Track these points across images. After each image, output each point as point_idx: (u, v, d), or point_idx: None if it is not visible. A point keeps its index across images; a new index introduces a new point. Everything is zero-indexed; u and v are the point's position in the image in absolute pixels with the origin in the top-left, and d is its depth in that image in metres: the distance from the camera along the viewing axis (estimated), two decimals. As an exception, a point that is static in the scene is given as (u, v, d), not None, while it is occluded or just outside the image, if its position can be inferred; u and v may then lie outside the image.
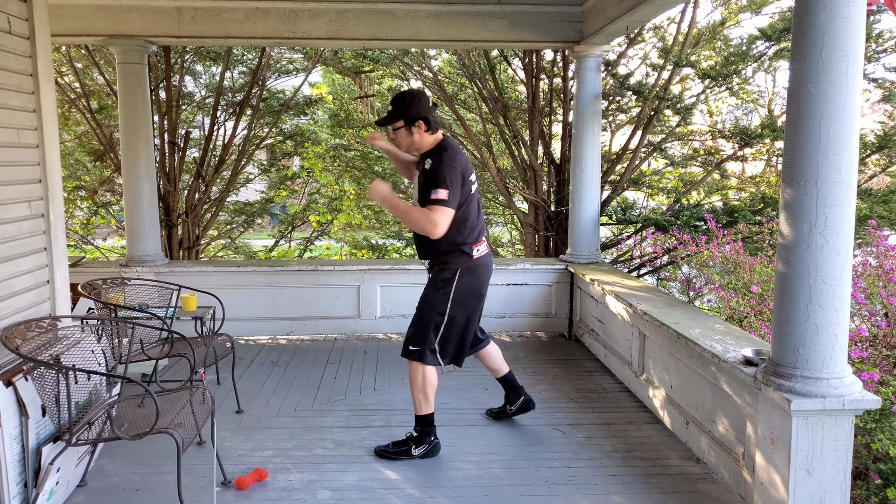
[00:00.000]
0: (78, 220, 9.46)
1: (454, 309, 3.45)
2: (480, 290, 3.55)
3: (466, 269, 3.44)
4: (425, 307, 3.49)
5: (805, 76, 2.51)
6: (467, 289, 3.46)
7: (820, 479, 2.65)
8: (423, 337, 3.45)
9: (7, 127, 3.05)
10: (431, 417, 3.52)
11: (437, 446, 3.53)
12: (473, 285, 3.49)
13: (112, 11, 5.34)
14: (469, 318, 3.55)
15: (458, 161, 3.31)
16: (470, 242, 3.42)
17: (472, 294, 3.50)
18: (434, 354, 3.47)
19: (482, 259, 3.50)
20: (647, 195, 9.05)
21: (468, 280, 3.45)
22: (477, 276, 3.49)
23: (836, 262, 2.55)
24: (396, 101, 3.42)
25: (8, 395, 2.72)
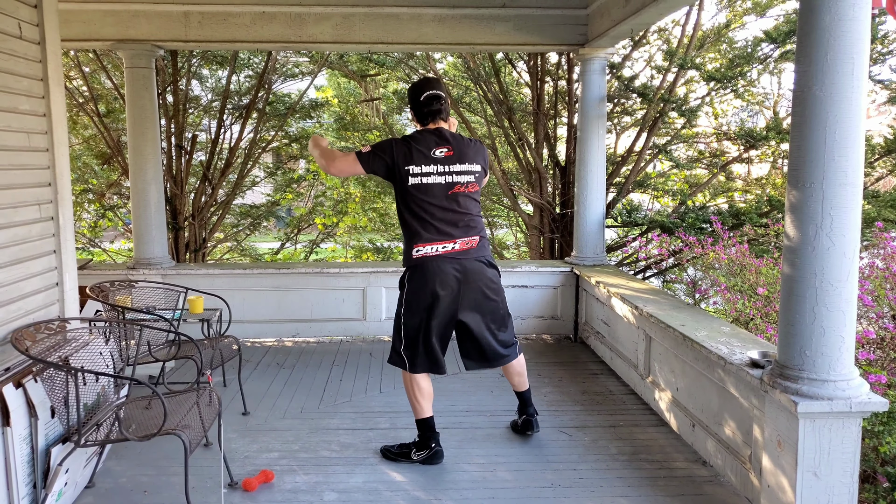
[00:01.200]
0: (86, 222, 9.50)
1: (406, 313, 3.35)
2: (428, 297, 3.29)
3: (412, 270, 3.33)
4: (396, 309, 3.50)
5: (810, 78, 2.51)
6: (416, 291, 3.32)
7: (827, 482, 2.65)
8: (393, 340, 3.48)
9: (18, 131, 3.07)
10: (430, 422, 3.48)
11: (437, 454, 3.45)
12: (421, 289, 3.30)
13: (120, 17, 5.38)
14: (425, 327, 3.33)
15: (399, 146, 3.28)
16: (416, 241, 3.28)
17: (419, 298, 3.31)
18: (401, 358, 3.40)
19: (428, 260, 3.27)
20: (653, 197, 9.05)
21: (413, 282, 3.33)
22: (422, 280, 3.29)
23: (843, 264, 2.55)
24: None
25: (18, 396, 2.74)
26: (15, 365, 2.88)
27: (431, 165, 3.27)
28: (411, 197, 3.28)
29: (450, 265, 3.30)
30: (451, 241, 3.31)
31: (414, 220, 3.30)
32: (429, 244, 3.28)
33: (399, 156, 3.26)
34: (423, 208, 3.28)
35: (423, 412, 3.46)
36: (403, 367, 3.43)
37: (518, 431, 3.87)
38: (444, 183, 3.29)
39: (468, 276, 3.35)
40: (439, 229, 3.29)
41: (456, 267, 3.31)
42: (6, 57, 2.98)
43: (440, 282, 3.29)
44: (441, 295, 3.30)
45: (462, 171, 3.33)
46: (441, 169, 3.28)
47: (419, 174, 3.26)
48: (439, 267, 3.29)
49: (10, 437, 2.66)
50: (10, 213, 3.00)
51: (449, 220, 3.31)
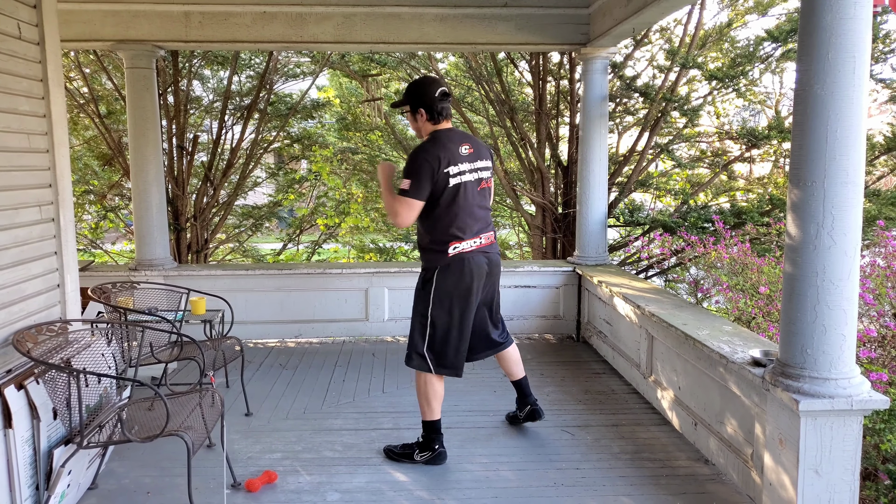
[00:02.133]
0: (87, 224, 9.52)
1: (435, 311, 3.34)
2: (465, 292, 3.34)
3: (445, 268, 3.31)
4: (413, 311, 3.46)
5: (812, 77, 2.51)
6: (449, 289, 3.32)
7: (828, 480, 2.65)
8: (413, 341, 3.43)
9: (18, 132, 3.08)
10: (437, 425, 3.48)
11: (441, 455, 3.46)
12: (457, 285, 3.32)
13: (120, 17, 5.38)
14: (459, 323, 3.38)
15: (432, 153, 3.22)
16: (447, 239, 3.29)
17: (454, 294, 3.33)
18: (423, 360, 3.38)
19: (465, 256, 3.31)
20: (655, 197, 9.04)
21: (448, 279, 3.32)
22: (459, 275, 3.31)
23: (844, 263, 2.55)
24: (408, 85, 3.41)
25: (20, 398, 2.74)
26: (17, 367, 2.88)
27: (464, 163, 3.30)
28: (450, 195, 3.26)
29: (482, 259, 3.39)
30: (481, 235, 3.39)
31: (448, 217, 3.28)
32: (465, 240, 3.32)
33: (436, 161, 3.21)
34: (459, 205, 3.29)
35: (433, 414, 3.45)
36: (426, 370, 3.39)
37: (520, 422, 3.92)
38: (474, 179, 3.35)
39: (493, 269, 3.47)
40: (472, 226, 3.34)
41: (486, 261, 3.41)
42: (5, 58, 2.98)
43: (477, 276, 3.36)
44: (475, 289, 3.38)
45: (483, 167, 3.40)
46: (470, 166, 3.33)
47: (457, 173, 3.27)
48: (475, 261, 3.34)
49: (13, 438, 2.66)
50: (11, 214, 3.00)
51: (478, 215, 3.38)
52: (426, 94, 3.32)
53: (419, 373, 3.44)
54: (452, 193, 3.26)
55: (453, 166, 3.25)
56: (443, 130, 3.35)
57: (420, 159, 3.22)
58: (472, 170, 3.34)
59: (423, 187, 3.20)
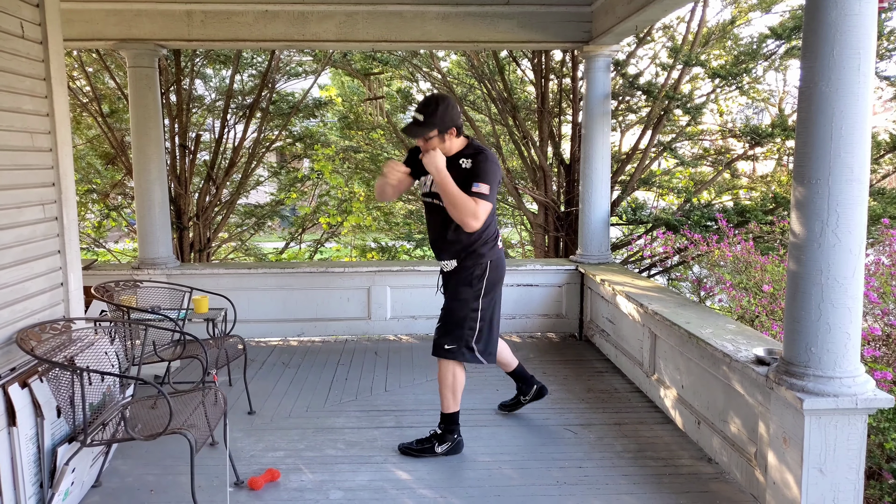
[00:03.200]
0: (90, 223, 9.53)
1: (485, 302, 3.48)
2: (501, 281, 3.59)
3: (495, 260, 3.50)
4: (458, 306, 3.46)
5: (816, 74, 2.50)
6: (496, 280, 3.52)
7: (833, 479, 2.64)
8: (459, 336, 3.45)
9: (21, 131, 3.08)
10: (457, 416, 3.57)
11: (459, 444, 3.58)
12: (500, 275, 3.54)
13: (123, 16, 5.39)
14: (497, 310, 3.60)
15: (495, 164, 3.36)
16: (494, 236, 3.51)
17: (498, 284, 3.56)
18: (472, 353, 3.48)
19: (502, 253, 3.58)
20: (658, 195, 9.02)
21: (496, 271, 3.50)
22: (503, 267, 3.56)
23: (849, 261, 2.54)
24: (427, 109, 3.29)
25: (24, 396, 2.74)
26: (21, 365, 2.88)
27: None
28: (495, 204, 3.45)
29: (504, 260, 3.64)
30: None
31: (493, 218, 3.49)
32: (499, 238, 3.56)
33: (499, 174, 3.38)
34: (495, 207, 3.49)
35: (457, 406, 3.56)
36: (473, 361, 3.48)
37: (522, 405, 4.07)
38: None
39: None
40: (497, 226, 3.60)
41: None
42: (9, 56, 2.98)
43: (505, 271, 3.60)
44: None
45: None
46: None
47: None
48: (503, 256, 3.60)
49: (17, 436, 2.66)
50: (15, 213, 3.01)
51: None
52: (455, 113, 3.34)
53: (447, 366, 3.49)
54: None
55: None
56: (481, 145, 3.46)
57: (495, 168, 3.33)
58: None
59: (494, 193, 3.32)
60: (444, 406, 3.55)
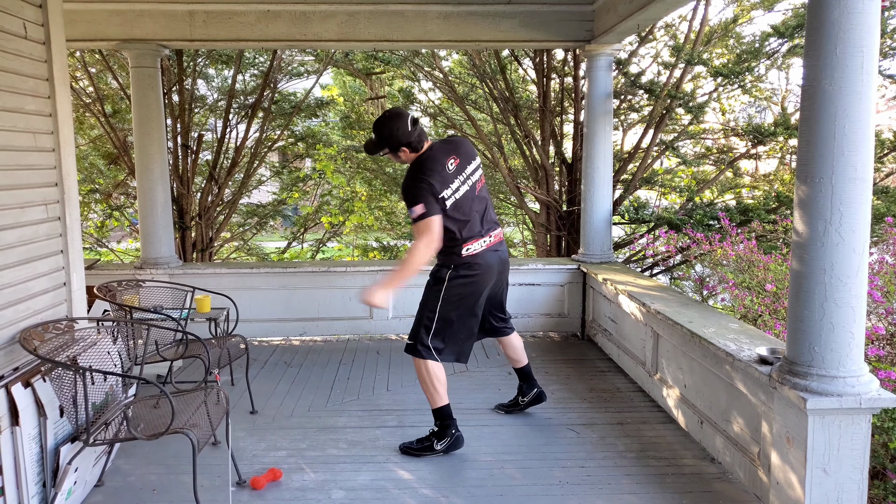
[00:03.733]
0: (93, 222, 9.54)
1: (445, 308, 3.46)
2: (475, 290, 3.50)
3: (458, 267, 3.44)
4: (421, 304, 3.56)
5: (819, 72, 2.49)
6: (459, 287, 3.46)
7: (836, 479, 2.63)
8: (416, 332, 3.53)
9: (24, 131, 3.08)
10: (447, 409, 3.55)
11: (459, 439, 3.56)
12: (467, 284, 3.46)
13: (125, 16, 5.39)
14: (467, 317, 3.55)
15: (425, 170, 3.32)
16: (459, 243, 3.41)
17: (466, 293, 3.48)
18: (428, 350, 3.49)
19: (477, 257, 3.45)
20: (660, 194, 9.01)
21: (461, 279, 3.45)
22: (470, 275, 3.46)
23: (852, 260, 2.53)
24: (376, 129, 3.42)
25: (27, 395, 2.75)
26: (24, 364, 2.89)
27: (455, 180, 3.41)
28: (452, 211, 3.38)
29: (493, 257, 3.53)
30: (489, 234, 3.53)
31: (456, 226, 3.41)
32: (474, 241, 3.46)
33: (434, 186, 3.31)
34: (463, 214, 3.42)
35: (441, 400, 3.53)
36: (430, 358, 3.49)
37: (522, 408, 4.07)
38: (469, 187, 3.46)
39: (503, 265, 3.64)
40: (479, 228, 3.48)
41: (496, 258, 3.56)
42: (12, 57, 2.99)
43: (489, 274, 3.51)
44: (487, 286, 3.55)
45: (472, 169, 3.51)
46: (461, 178, 3.44)
47: (451, 194, 3.39)
48: (486, 260, 3.49)
49: (20, 436, 2.67)
50: (18, 213, 3.01)
51: (482, 216, 3.52)
52: (400, 131, 3.35)
53: (418, 363, 3.51)
54: (454, 210, 3.38)
55: (446, 189, 3.36)
56: (426, 153, 3.43)
57: (418, 184, 3.30)
58: (464, 181, 3.45)
59: (432, 204, 3.29)
60: (431, 402, 3.55)
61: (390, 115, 3.41)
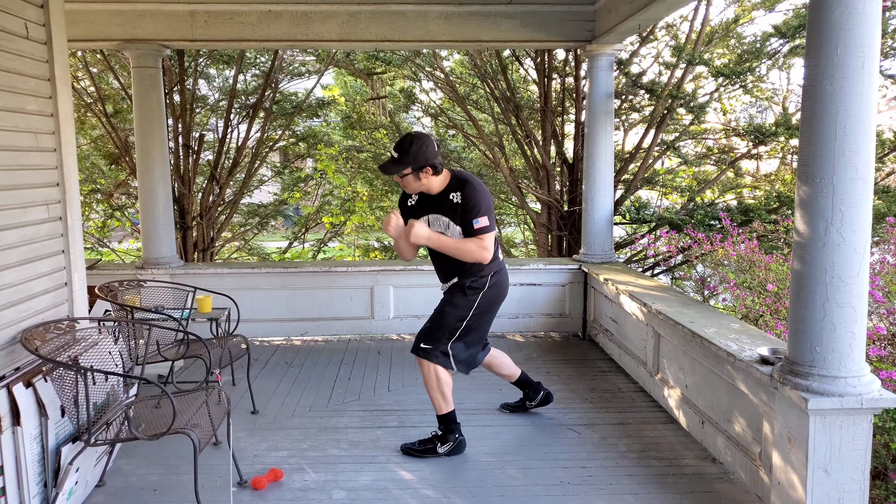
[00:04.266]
0: (94, 222, 9.55)
1: (475, 317, 3.51)
2: (499, 302, 3.61)
3: (496, 276, 3.52)
4: (448, 309, 3.50)
5: (820, 73, 2.49)
6: (492, 298, 3.54)
7: (838, 479, 2.63)
8: (437, 338, 3.49)
9: (25, 131, 3.08)
10: (453, 415, 3.56)
11: (462, 443, 3.56)
12: (499, 294, 3.57)
13: (127, 16, 5.39)
14: (487, 327, 3.64)
15: (486, 188, 3.44)
16: (496, 259, 3.52)
17: (494, 303, 3.58)
18: (446, 357, 3.49)
19: (504, 272, 3.60)
20: (661, 194, 9.01)
21: (494, 290, 3.53)
22: (502, 286, 3.58)
23: (853, 260, 2.53)
24: (402, 147, 3.31)
25: (28, 395, 2.75)
26: (25, 364, 2.89)
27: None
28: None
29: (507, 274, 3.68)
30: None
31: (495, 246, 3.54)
32: (500, 259, 3.59)
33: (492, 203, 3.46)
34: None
35: (448, 406, 3.54)
36: (445, 365, 3.49)
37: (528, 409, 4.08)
38: None
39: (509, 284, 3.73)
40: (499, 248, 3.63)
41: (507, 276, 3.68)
42: (13, 57, 2.99)
43: (506, 288, 3.64)
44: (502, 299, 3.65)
45: None
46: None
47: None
48: (507, 275, 3.65)
49: (21, 436, 2.67)
50: (19, 213, 3.01)
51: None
52: (429, 152, 3.30)
53: (429, 368, 3.49)
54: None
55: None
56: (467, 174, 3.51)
57: (487, 196, 3.41)
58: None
59: (493, 218, 3.44)
60: (437, 408, 3.55)
61: (417, 135, 3.36)
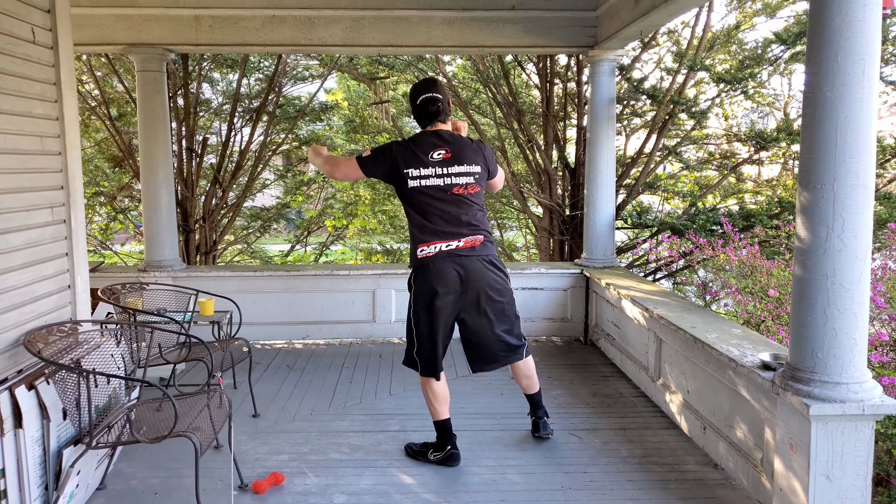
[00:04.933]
0: (97, 225, 9.57)
1: (415, 313, 3.41)
2: (429, 295, 3.32)
3: (416, 269, 3.38)
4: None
5: (821, 79, 2.50)
6: (420, 290, 3.37)
7: (840, 486, 2.63)
8: (408, 347, 3.51)
9: (31, 135, 3.10)
10: (446, 424, 3.51)
11: (453, 457, 3.47)
12: (425, 287, 3.33)
13: (132, 21, 5.42)
14: (428, 325, 3.36)
15: (400, 149, 3.33)
16: (416, 243, 3.34)
17: (425, 297, 3.34)
18: (413, 360, 3.48)
19: (429, 261, 3.31)
20: (663, 199, 9.01)
21: (417, 282, 3.38)
22: (425, 278, 3.33)
23: (854, 266, 2.53)
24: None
25: (30, 398, 2.76)
26: (27, 367, 2.90)
27: (430, 168, 3.32)
28: (412, 199, 3.35)
29: (451, 264, 3.32)
30: (452, 240, 3.33)
31: (415, 221, 3.36)
32: (430, 244, 3.32)
33: (399, 159, 3.31)
34: (423, 210, 3.34)
35: (438, 414, 3.50)
36: (416, 370, 3.49)
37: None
38: (443, 185, 3.33)
39: (469, 274, 3.36)
40: (440, 230, 3.33)
41: (457, 266, 3.34)
42: (20, 61, 3.01)
43: (442, 281, 3.32)
44: (441, 293, 3.33)
45: (461, 172, 3.36)
46: (439, 171, 3.32)
47: (417, 177, 3.31)
48: (439, 266, 3.32)
49: (23, 438, 2.68)
50: (24, 216, 3.02)
51: (449, 220, 3.34)
52: (412, 100, 3.46)
53: (420, 377, 3.50)
54: (414, 196, 3.33)
55: (413, 169, 3.30)
56: (423, 133, 3.43)
57: (387, 147, 3.37)
58: (441, 174, 3.32)
59: (372, 165, 3.36)
60: (431, 415, 3.55)
61: (424, 81, 3.52)
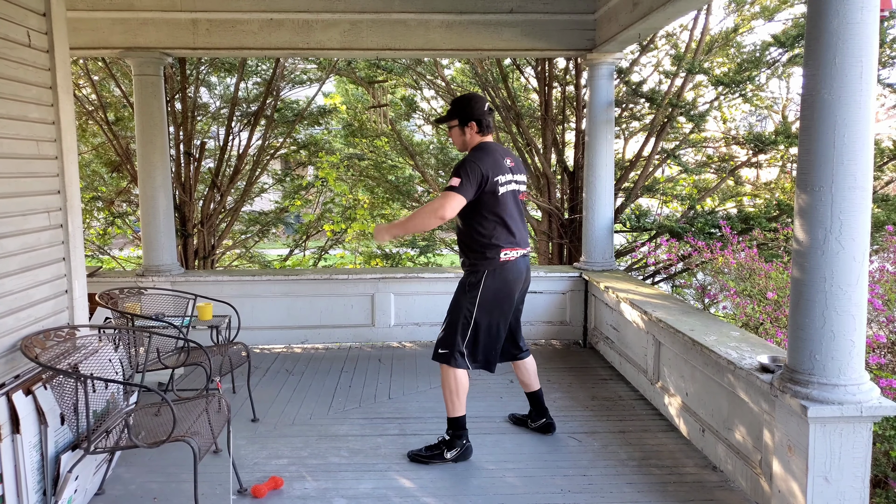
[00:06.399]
0: (95, 230, 9.56)
1: (480, 313, 3.49)
2: (508, 295, 3.53)
3: (493, 272, 3.47)
4: (454, 310, 3.55)
5: (819, 82, 2.51)
6: (494, 292, 3.49)
7: (838, 487, 2.63)
8: (452, 340, 3.51)
9: (27, 139, 3.10)
10: (463, 420, 3.57)
11: (468, 449, 3.58)
12: (501, 289, 3.50)
13: (128, 24, 5.42)
14: (497, 323, 3.56)
15: (484, 160, 3.39)
16: (498, 245, 3.45)
17: (498, 298, 3.51)
18: (462, 357, 3.51)
19: (510, 263, 3.49)
20: (661, 202, 9.02)
21: (494, 283, 3.47)
22: (504, 280, 3.49)
23: (852, 268, 2.54)
24: (455, 101, 3.61)
25: (27, 403, 2.75)
26: (25, 372, 2.89)
27: (508, 175, 3.48)
28: (500, 205, 3.44)
29: (522, 263, 3.58)
30: (524, 243, 3.58)
31: (500, 226, 3.46)
32: (513, 248, 3.50)
33: (489, 171, 3.38)
34: (508, 214, 3.47)
35: (460, 409, 3.55)
36: (462, 366, 3.51)
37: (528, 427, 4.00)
38: (515, 191, 3.53)
39: (528, 274, 3.66)
40: (518, 233, 3.54)
41: (525, 264, 3.61)
42: (15, 65, 3.01)
43: (519, 279, 3.56)
44: (517, 292, 3.59)
45: (521, 179, 3.60)
46: (510, 178, 3.50)
47: (504, 182, 3.44)
48: (518, 267, 3.54)
49: (20, 444, 2.67)
50: (20, 221, 3.02)
51: (521, 223, 3.57)
52: (476, 108, 3.52)
53: (447, 371, 3.52)
54: (503, 202, 3.44)
55: (501, 176, 3.43)
56: (489, 142, 3.55)
57: (472, 165, 3.37)
58: (512, 181, 3.51)
59: (470, 187, 3.34)
60: (449, 410, 3.56)
61: (472, 94, 3.68)
